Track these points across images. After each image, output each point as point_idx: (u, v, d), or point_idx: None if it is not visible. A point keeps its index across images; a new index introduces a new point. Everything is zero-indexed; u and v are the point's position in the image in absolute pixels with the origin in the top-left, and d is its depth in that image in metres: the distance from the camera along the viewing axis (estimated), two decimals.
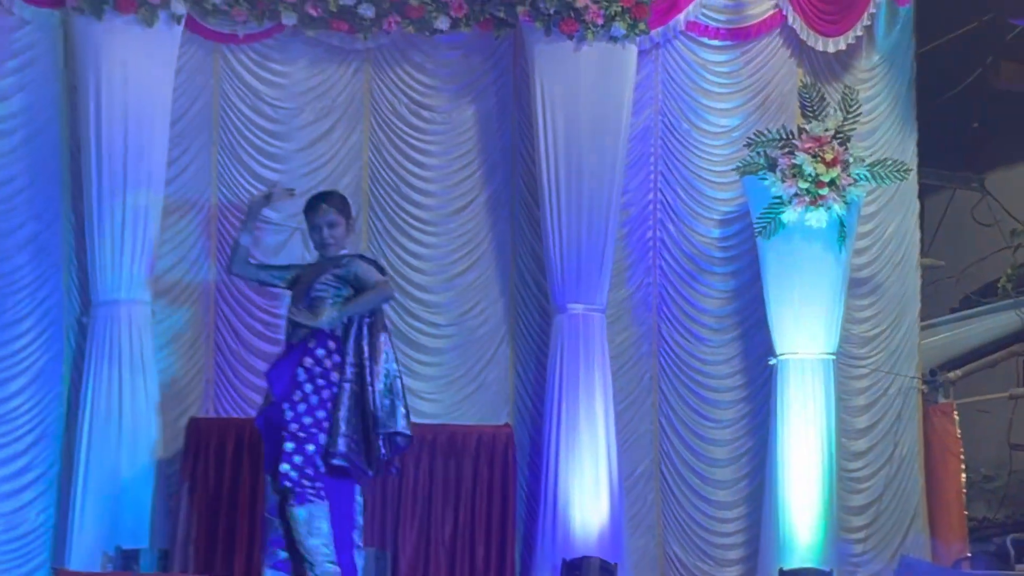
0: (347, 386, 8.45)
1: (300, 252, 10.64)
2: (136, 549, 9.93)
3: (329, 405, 8.43)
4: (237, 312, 11.02)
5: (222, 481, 10.25)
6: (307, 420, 8.40)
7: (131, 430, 10.31)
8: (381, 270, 8.89)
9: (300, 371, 8.46)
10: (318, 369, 8.48)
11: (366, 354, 8.52)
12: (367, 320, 8.61)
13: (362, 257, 8.94)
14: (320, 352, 8.49)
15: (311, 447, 8.36)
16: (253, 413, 10.63)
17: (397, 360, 8.78)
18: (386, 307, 11.05)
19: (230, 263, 9.15)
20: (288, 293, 8.96)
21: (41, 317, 10.77)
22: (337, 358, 8.49)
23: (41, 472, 10.68)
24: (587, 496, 10.66)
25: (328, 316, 8.46)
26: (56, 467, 10.70)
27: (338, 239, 8.69)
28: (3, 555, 10.51)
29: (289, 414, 8.41)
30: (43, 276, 10.79)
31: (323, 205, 8.71)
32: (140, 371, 10.40)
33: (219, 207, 11.08)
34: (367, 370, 8.49)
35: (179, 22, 10.69)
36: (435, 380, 11.27)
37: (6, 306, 10.71)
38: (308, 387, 8.44)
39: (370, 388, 8.46)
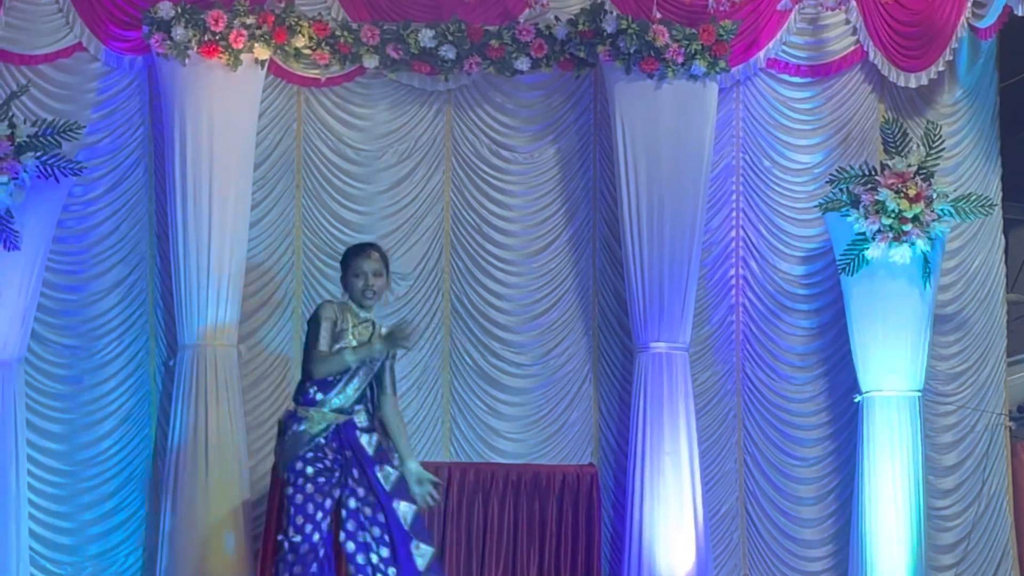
0: None
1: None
2: None
3: None
4: None
5: None
6: None
7: (218, 472, 10.38)
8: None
9: None
10: None
11: None
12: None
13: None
14: None
15: None
16: None
17: None
18: (468, 346, 11.23)
19: (321, 368, 8.07)
20: None
21: (129, 360, 10.92)
22: None
23: (129, 514, 10.79)
24: (672, 535, 10.62)
25: None
26: (144, 509, 10.79)
27: (380, 290, 8.28)
28: None
29: None
30: (130, 319, 10.94)
31: (372, 251, 8.30)
32: (227, 413, 10.48)
33: (303, 249, 11.15)
34: None
35: (262, 66, 10.81)
36: (518, 420, 11.29)
37: (94, 349, 10.86)
38: None
39: None
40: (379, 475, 8.08)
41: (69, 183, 10.51)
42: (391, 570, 7.99)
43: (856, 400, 11.01)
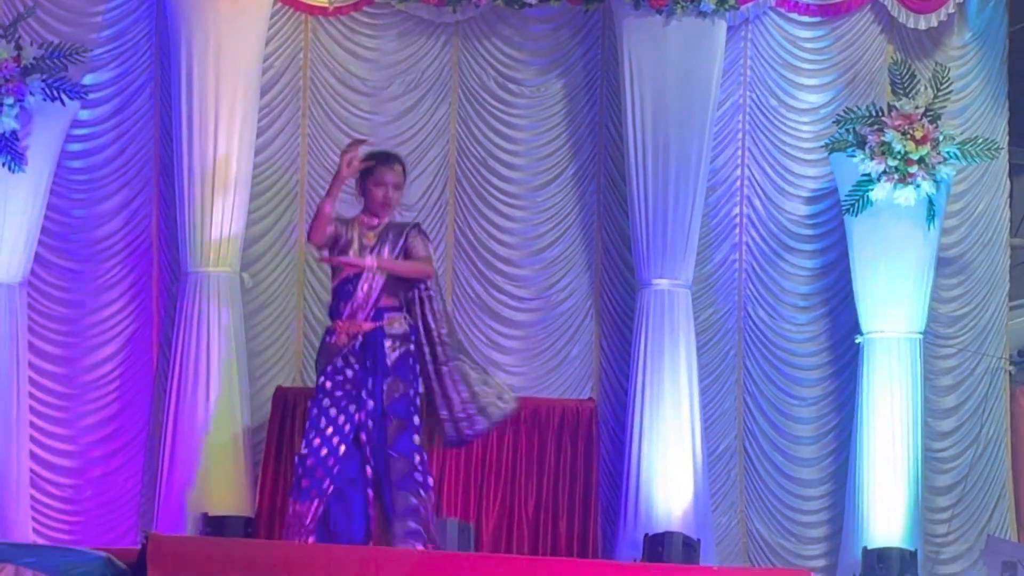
0: None
1: None
2: (222, 517, 10.00)
3: None
4: (324, 283, 11.07)
5: None
6: None
7: (218, 398, 10.40)
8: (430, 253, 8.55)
9: None
10: None
11: None
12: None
13: (419, 229, 8.56)
14: None
15: None
16: None
17: None
18: (471, 279, 11.23)
19: (310, 230, 8.49)
20: None
21: (131, 285, 10.94)
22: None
23: (130, 438, 10.82)
24: (670, 472, 10.63)
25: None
26: (144, 433, 10.83)
27: (396, 204, 8.41)
28: (92, 520, 10.64)
29: None
30: (133, 244, 10.95)
31: (397, 164, 8.41)
32: (228, 340, 10.48)
33: (308, 178, 11.15)
34: None
35: None
36: (519, 353, 11.32)
37: (97, 273, 10.89)
38: None
39: None
40: (384, 385, 8.10)
41: (74, 107, 10.51)
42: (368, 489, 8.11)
43: (857, 341, 11.02)
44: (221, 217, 10.53)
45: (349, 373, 8.15)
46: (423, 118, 11.31)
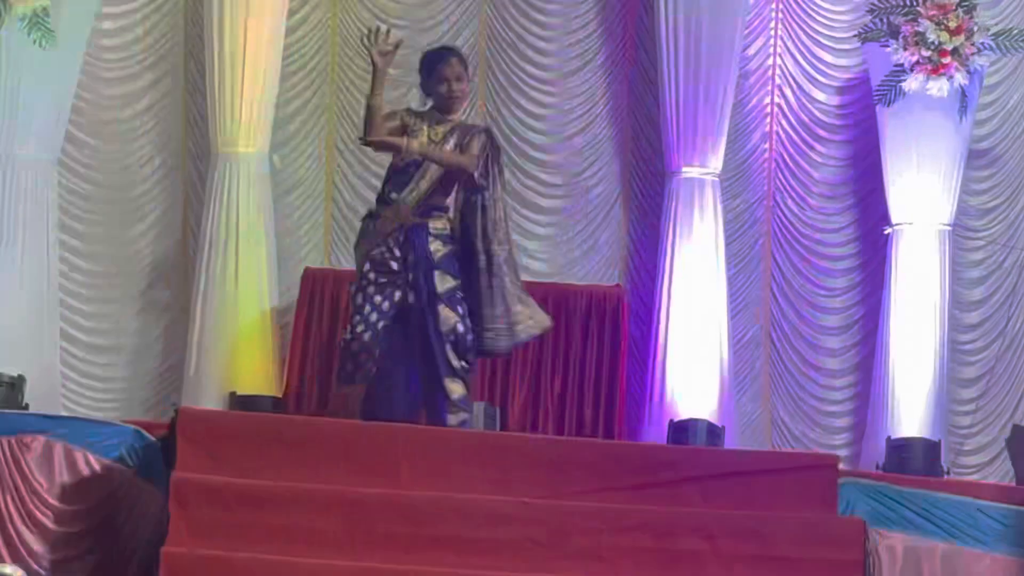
0: None
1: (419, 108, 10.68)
2: (251, 396, 10.08)
3: None
4: (352, 165, 11.12)
5: (335, 331, 10.32)
6: None
7: (247, 279, 10.44)
8: (496, 154, 8.41)
9: None
10: None
11: None
12: None
13: (489, 135, 8.45)
14: None
15: None
16: None
17: None
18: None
19: (364, 129, 8.23)
20: None
21: (160, 164, 10.97)
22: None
23: (160, 315, 10.87)
24: (696, 359, 10.66)
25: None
26: (171, 312, 10.87)
27: (463, 95, 8.37)
28: (122, 393, 10.73)
29: None
30: (162, 123, 10.98)
31: (453, 58, 8.33)
32: (257, 221, 10.52)
33: (338, 59, 11.12)
34: None
35: None
36: (547, 239, 11.32)
37: (128, 151, 10.90)
38: None
39: None
40: (435, 275, 8.12)
41: None
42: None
43: (886, 232, 11.00)
44: (251, 98, 10.52)
45: (393, 265, 8.13)
46: (454, 1, 11.25)
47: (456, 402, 8.10)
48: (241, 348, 10.41)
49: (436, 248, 8.15)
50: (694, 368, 10.66)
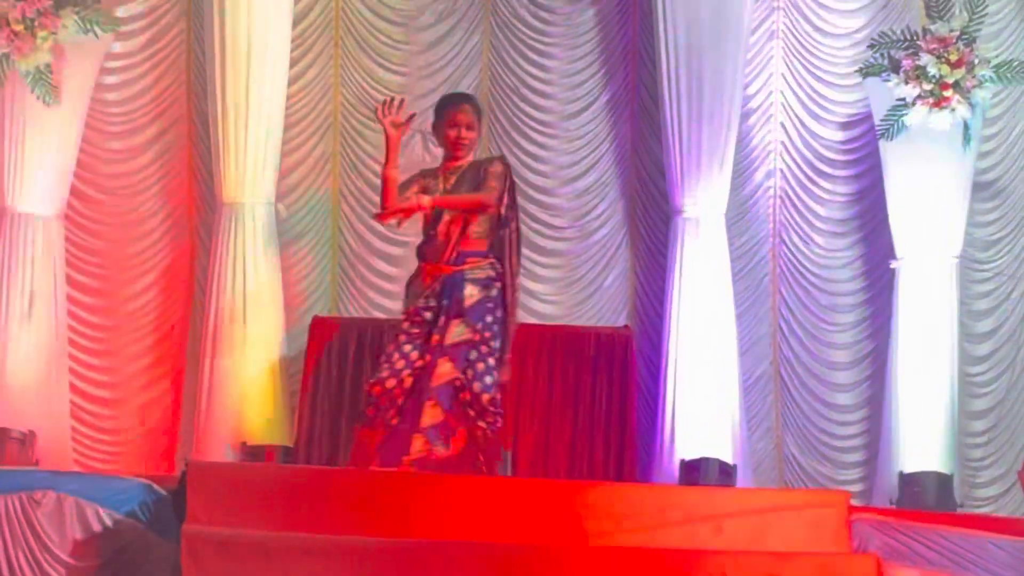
0: None
1: (420, 155, 10.77)
2: (260, 446, 10.08)
3: None
4: (359, 213, 11.15)
5: (344, 380, 10.34)
6: None
7: (255, 329, 10.47)
8: (511, 188, 8.30)
9: None
10: None
11: None
12: None
13: (501, 161, 8.37)
14: None
15: None
16: (375, 313, 10.84)
17: None
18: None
19: (381, 202, 8.05)
20: None
21: (167, 216, 11.02)
22: None
23: (168, 368, 10.89)
24: (706, 398, 10.66)
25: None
26: (183, 364, 10.89)
27: (472, 142, 8.30)
28: (133, 448, 10.74)
29: None
30: (169, 176, 11.02)
31: (466, 104, 8.32)
32: (264, 271, 10.55)
33: (341, 108, 11.17)
34: None
35: None
36: (554, 282, 11.34)
37: (134, 205, 10.96)
38: None
39: None
40: (451, 325, 8.08)
41: (108, 39, 10.53)
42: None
43: (893, 266, 10.99)
44: (255, 148, 10.57)
45: (427, 315, 8.11)
46: (455, 47, 11.31)
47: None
48: (251, 398, 10.42)
49: (470, 293, 8.06)
50: (704, 407, 10.65)
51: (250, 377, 10.42)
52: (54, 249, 10.42)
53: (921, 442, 10.64)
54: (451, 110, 8.27)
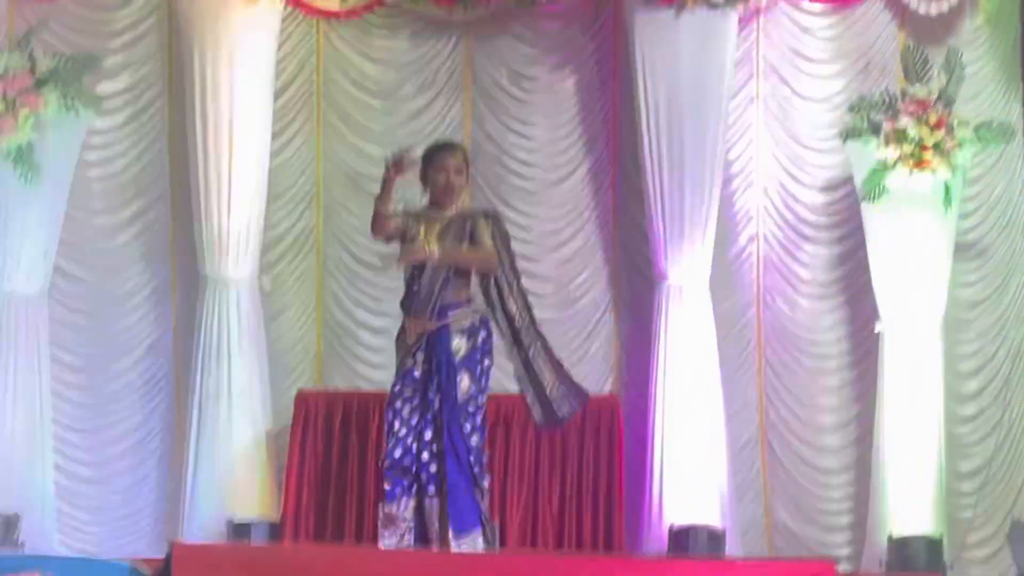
0: None
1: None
2: (248, 522, 10.04)
3: None
4: (344, 285, 11.16)
5: (331, 453, 10.33)
6: None
7: (241, 403, 10.47)
8: (505, 239, 8.43)
9: None
10: None
11: None
12: None
13: (494, 219, 8.40)
14: None
15: None
16: (362, 385, 10.82)
17: None
18: None
19: (371, 227, 8.23)
20: None
21: (151, 292, 11.02)
22: None
23: (154, 447, 10.86)
24: (694, 464, 10.65)
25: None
26: (169, 441, 10.87)
27: (460, 187, 8.31)
28: (118, 529, 10.69)
29: None
30: (151, 251, 11.02)
31: (456, 150, 8.40)
32: (249, 345, 10.55)
33: (323, 180, 11.20)
34: None
35: None
36: None
37: (116, 282, 10.95)
38: None
39: None
40: (457, 379, 8.08)
41: (90, 116, 10.55)
42: (431, 486, 8.06)
43: (877, 329, 11.00)
44: (238, 222, 10.60)
45: (416, 373, 8.12)
46: (437, 118, 11.34)
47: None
48: (237, 472, 10.42)
49: (458, 346, 8.13)
50: (692, 473, 10.64)
51: (236, 452, 10.41)
52: (38, 328, 10.39)
53: (910, 504, 10.62)
54: (441, 155, 8.32)
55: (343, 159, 11.20)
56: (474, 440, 8.12)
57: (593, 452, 10.47)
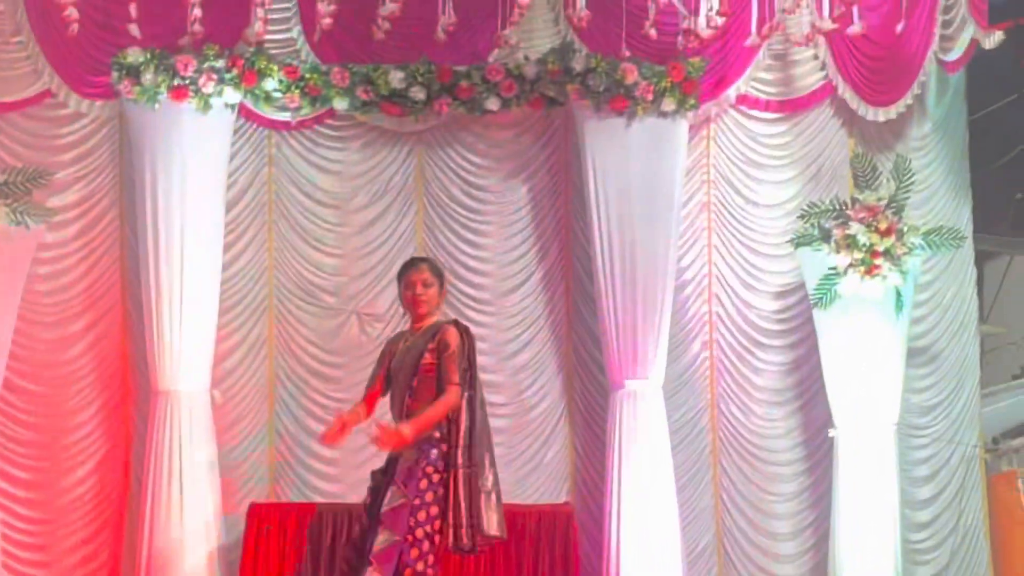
0: None
1: (357, 337, 10.82)
2: None
3: None
4: (296, 397, 11.10)
5: (283, 566, 10.23)
6: None
7: (192, 517, 10.37)
8: (471, 348, 8.41)
9: None
10: None
11: None
12: None
13: (456, 325, 8.41)
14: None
15: None
16: (314, 497, 10.75)
17: None
18: None
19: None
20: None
21: (102, 406, 10.94)
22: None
23: (106, 559, 10.75)
24: (650, 572, 10.59)
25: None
26: (120, 555, 10.76)
27: (430, 299, 8.36)
28: None
29: None
30: (103, 365, 10.95)
31: (423, 264, 8.51)
32: (200, 458, 10.46)
33: (275, 292, 11.17)
34: None
35: (233, 109, 10.83)
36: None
37: (68, 395, 10.86)
38: None
39: None
40: (389, 493, 8.06)
41: (40, 230, 10.52)
42: None
43: (830, 435, 10.99)
44: (190, 334, 10.55)
45: (371, 484, 8.21)
46: (389, 228, 11.34)
47: None
48: None
49: (405, 458, 8.10)
50: None
51: (188, 566, 10.29)
52: None
53: None
54: (407, 272, 8.44)
55: (296, 269, 11.18)
56: (414, 553, 8.06)
57: (548, 561, 10.39)
